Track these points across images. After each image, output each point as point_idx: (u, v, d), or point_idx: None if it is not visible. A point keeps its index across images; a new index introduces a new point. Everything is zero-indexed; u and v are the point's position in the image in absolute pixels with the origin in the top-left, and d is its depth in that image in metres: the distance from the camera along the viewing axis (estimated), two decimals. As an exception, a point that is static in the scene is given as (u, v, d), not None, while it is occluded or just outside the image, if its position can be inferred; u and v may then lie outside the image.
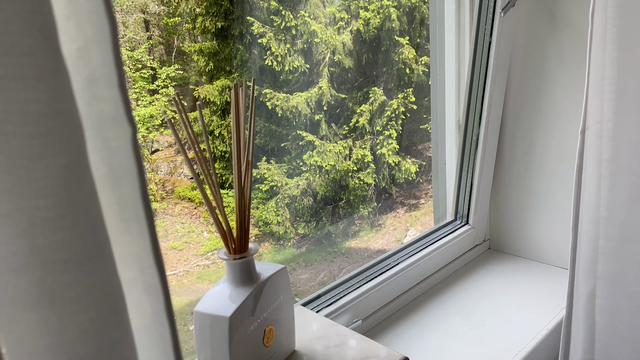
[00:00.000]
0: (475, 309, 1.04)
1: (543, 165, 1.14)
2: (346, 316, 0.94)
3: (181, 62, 8.64)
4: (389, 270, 1.04)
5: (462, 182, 1.20)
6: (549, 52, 1.06)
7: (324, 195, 6.70)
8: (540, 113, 1.11)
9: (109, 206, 0.27)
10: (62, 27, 0.25)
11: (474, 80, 1.11)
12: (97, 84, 0.24)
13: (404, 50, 6.34)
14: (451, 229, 1.20)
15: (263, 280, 0.67)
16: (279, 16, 6.58)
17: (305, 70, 6.65)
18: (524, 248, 1.22)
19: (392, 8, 6.26)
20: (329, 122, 6.73)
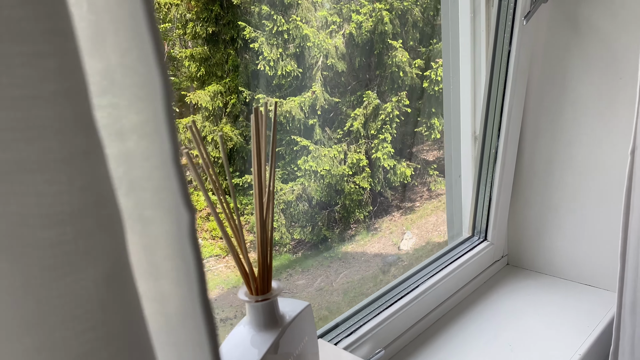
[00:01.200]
0: (501, 331, 0.99)
1: (564, 178, 1.09)
2: (367, 346, 0.88)
3: (172, 68, 8.55)
4: (408, 295, 0.99)
5: (480, 196, 1.15)
6: (572, 60, 1.02)
7: (320, 200, 6.63)
8: (561, 124, 1.06)
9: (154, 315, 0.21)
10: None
11: (492, 90, 1.06)
12: (138, 166, 0.19)
13: (397, 54, 6.30)
14: (469, 246, 1.15)
15: (287, 322, 0.61)
16: (271, 20, 6.53)
17: (298, 74, 6.59)
18: (545, 264, 1.17)
19: (385, 11, 6.22)
20: (323, 127, 6.67)
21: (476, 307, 1.07)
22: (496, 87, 1.06)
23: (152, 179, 0.19)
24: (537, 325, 1.00)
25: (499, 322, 1.02)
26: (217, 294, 5.61)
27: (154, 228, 0.20)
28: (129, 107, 0.19)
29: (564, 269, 1.15)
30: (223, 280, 6.23)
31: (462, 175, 1.21)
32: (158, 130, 0.19)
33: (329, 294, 6.07)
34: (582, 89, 1.02)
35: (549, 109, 1.07)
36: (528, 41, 1.02)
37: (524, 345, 0.95)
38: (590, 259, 1.10)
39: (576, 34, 1.00)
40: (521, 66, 1.03)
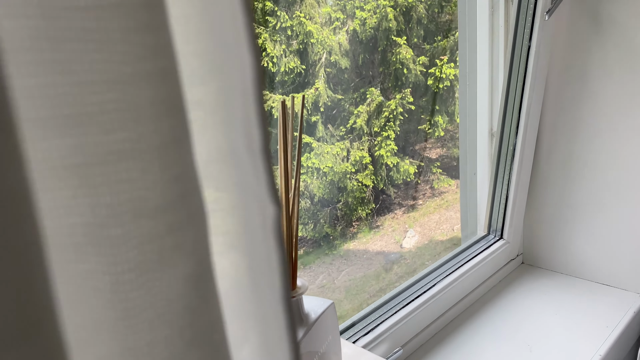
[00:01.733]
0: (519, 331, 0.98)
1: (582, 176, 1.07)
2: (385, 345, 0.87)
3: (174, 64, 8.55)
4: (425, 294, 0.98)
5: (496, 194, 1.14)
6: (592, 56, 1.00)
7: (322, 197, 6.62)
8: (580, 122, 1.05)
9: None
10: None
11: (510, 87, 1.05)
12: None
13: (401, 50, 6.27)
14: (485, 244, 1.13)
15: (313, 321, 0.60)
16: (274, 17, 6.50)
17: (301, 71, 6.57)
18: (561, 263, 1.16)
19: (389, 8, 6.19)
20: (326, 124, 6.66)
21: (492, 306, 1.06)
22: (515, 83, 1.04)
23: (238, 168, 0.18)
24: (555, 325, 0.99)
25: (515, 322, 1.00)
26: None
27: (235, 221, 0.18)
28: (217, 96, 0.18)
29: (580, 268, 1.13)
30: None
31: (478, 173, 1.19)
32: (247, 118, 0.17)
33: (331, 291, 6.06)
34: (602, 86, 1.00)
35: (568, 106, 1.06)
36: (548, 37, 1.01)
37: (543, 345, 0.94)
38: (608, 258, 1.08)
39: (597, 30, 0.98)
40: (541, 62, 1.02)
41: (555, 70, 1.05)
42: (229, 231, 0.19)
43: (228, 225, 0.19)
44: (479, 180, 1.18)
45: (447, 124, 4.47)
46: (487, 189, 1.14)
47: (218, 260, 0.19)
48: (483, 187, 1.17)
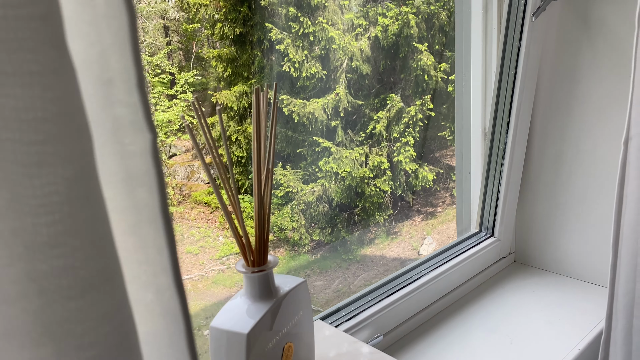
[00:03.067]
0: (502, 325, 1.00)
1: (573, 176, 1.09)
2: (366, 331, 0.90)
3: (199, 68, 8.69)
4: (411, 284, 1.00)
5: (487, 192, 1.16)
6: (582, 58, 1.02)
7: (340, 202, 6.65)
8: (571, 121, 1.06)
9: (123, 220, 0.24)
10: (82, 32, 0.22)
11: (501, 86, 1.07)
12: (116, 88, 0.21)
13: (422, 57, 6.29)
14: (475, 241, 1.16)
15: (282, 295, 0.64)
16: (297, 22, 6.58)
17: (323, 76, 6.63)
18: (552, 262, 1.17)
19: (411, 15, 6.22)
20: (346, 129, 6.69)
21: (479, 301, 1.08)
22: (505, 83, 1.07)
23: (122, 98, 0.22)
24: (539, 321, 1.00)
25: (500, 316, 1.02)
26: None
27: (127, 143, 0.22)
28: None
29: (572, 267, 1.15)
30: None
31: (472, 172, 1.21)
32: (123, 55, 0.21)
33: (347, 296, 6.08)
34: (591, 87, 1.02)
35: (559, 107, 1.08)
36: (538, 38, 1.03)
37: (524, 338, 0.95)
38: (599, 258, 1.09)
39: (586, 32, 1.00)
40: (531, 63, 1.04)
41: (546, 71, 1.07)
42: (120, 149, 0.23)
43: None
44: (473, 178, 1.21)
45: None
46: (479, 187, 1.17)
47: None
48: (476, 186, 1.20)
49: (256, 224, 0.62)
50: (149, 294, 0.26)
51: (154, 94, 7.67)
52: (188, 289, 6.19)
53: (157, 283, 0.27)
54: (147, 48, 8.27)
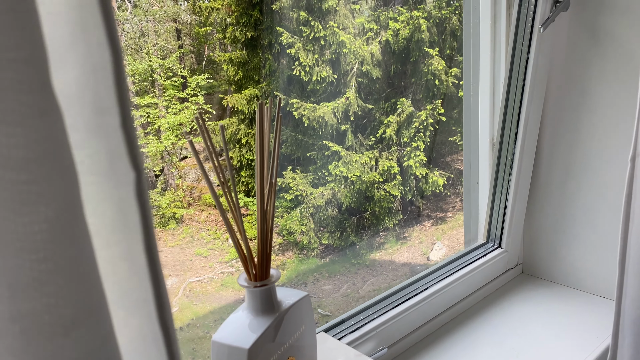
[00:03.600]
0: (508, 337, 0.99)
1: (582, 187, 1.08)
2: (371, 344, 0.90)
3: (211, 71, 8.74)
4: (417, 296, 1.00)
5: (495, 203, 1.15)
6: (591, 70, 1.01)
7: (349, 206, 6.65)
8: (580, 134, 1.05)
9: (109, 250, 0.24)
10: (67, 73, 0.22)
11: (509, 97, 1.06)
12: (100, 120, 0.21)
13: (433, 62, 6.27)
14: (483, 252, 1.15)
15: (285, 309, 0.64)
16: (308, 27, 6.60)
17: (333, 80, 6.64)
18: (560, 274, 1.16)
19: (422, 19, 6.20)
20: (355, 133, 6.69)
21: (486, 313, 1.07)
22: (514, 94, 1.06)
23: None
24: (546, 334, 0.99)
25: (507, 329, 1.01)
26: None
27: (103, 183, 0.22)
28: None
29: (580, 280, 1.13)
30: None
31: (480, 182, 1.21)
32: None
33: (355, 300, 6.06)
34: (601, 99, 1.01)
35: (568, 118, 1.07)
36: (547, 49, 1.02)
37: (530, 351, 0.94)
38: (607, 271, 1.08)
39: (596, 43, 0.99)
40: (539, 74, 1.03)
41: (555, 81, 1.06)
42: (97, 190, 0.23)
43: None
44: (481, 189, 1.20)
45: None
46: (487, 197, 1.16)
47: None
48: (484, 196, 1.19)
49: (259, 238, 0.62)
50: (136, 319, 0.26)
51: (165, 97, 7.72)
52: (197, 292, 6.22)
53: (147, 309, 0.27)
54: (159, 51, 8.34)
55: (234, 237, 0.60)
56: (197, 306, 6.11)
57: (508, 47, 1.05)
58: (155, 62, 7.96)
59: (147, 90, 8.09)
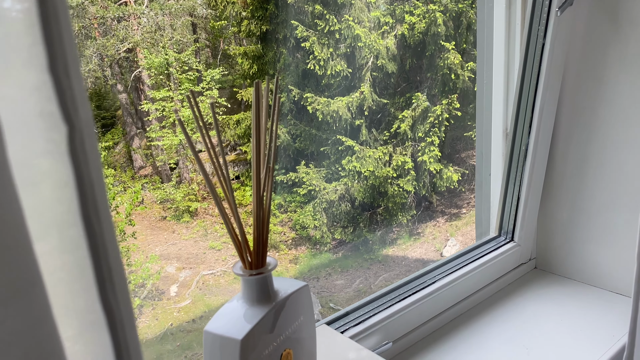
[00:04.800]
0: (519, 334, 0.95)
1: (599, 180, 1.03)
2: (375, 337, 0.87)
3: (226, 65, 8.75)
4: (425, 289, 0.96)
5: (508, 195, 1.11)
6: (611, 57, 0.96)
7: (362, 201, 6.61)
8: (597, 123, 1.01)
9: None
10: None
11: (524, 85, 1.02)
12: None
13: (449, 56, 6.19)
14: (494, 245, 1.11)
15: (282, 299, 0.61)
16: (323, 20, 6.55)
17: (348, 74, 6.59)
18: (575, 269, 1.12)
19: (438, 13, 6.12)
20: (370, 128, 6.64)
21: (497, 309, 1.03)
22: (528, 82, 1.02)
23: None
24: (559, 331, 0.96)
25: (518, 325, 0.98)
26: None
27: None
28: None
29: (595, 275, 1.09)
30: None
31: (492, 174, 1.17)
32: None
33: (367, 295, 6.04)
34: (620, 88, 0.96)
35: (585, 107, 1.02)
36: (564, 35, 0.98)
37: (542, 349, 0.91)
38: (623, 266, 1.04)
39: (616, 29, 0.94)
40: (555, 61, 0.99)
41: (572, 69, 1.02)
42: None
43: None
44: (493, 180, 1.16)
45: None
46: (500, 189, 1.12)
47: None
48: (497, 188, 1.15)
49: (255, 224, 0.59)
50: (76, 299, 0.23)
51: (181, 91, 7.75)
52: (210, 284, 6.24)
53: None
54: (175, 45, 8.36)
55: (228, 223, 0.57)
56: (210, 299, 6.14)
57: (523, 32, 1.00)
58: (171, 56, 7.99)
59: (163, 84, 8.12)
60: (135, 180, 8.20)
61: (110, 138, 8.95)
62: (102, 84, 8.83)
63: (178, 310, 5.90)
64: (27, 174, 0.20)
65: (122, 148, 8.85)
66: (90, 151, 0.20)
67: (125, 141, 8.81)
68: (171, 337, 5.58)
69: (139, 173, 8.47)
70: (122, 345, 0.24)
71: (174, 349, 5.42)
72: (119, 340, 0.23)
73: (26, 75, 0.19)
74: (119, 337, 0.23)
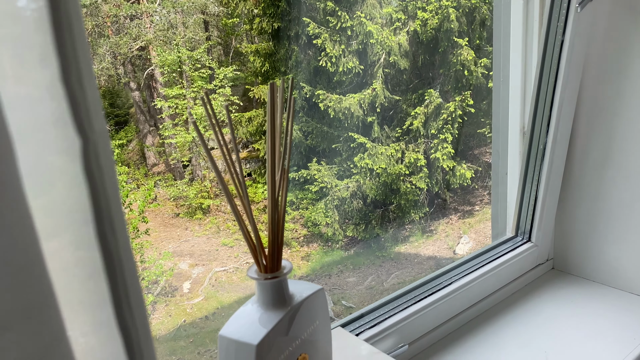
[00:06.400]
0: (537, 337, 0.93)
1: (619, 180, 1.01)
2: (391, 340, 0.86)
3: (238, 63, 8.76)
4: (440, 291, 0.95)
5: (525, 195, 1.09)
6: (632, 54, 0.94)
7: (374, 199, 6.58)
8: (617, 122, 0.98)
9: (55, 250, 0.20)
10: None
11: (542, 83, 1.00)
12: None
13: (462, 52, 6.13)
14: (511, 246, 1.09)
15: (297, 303, 0.60)
16: (335, 17, 6.52)
17: (360, 71, 6.56)
18: (594, 270, 1.10)
19: (451, 8, 6.07)
20: (382, 124, 6.61)
21: (514, 310, 1.02)
22: (547, 79, 0.99)
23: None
24: (578, 334, 0.94)
25: (536, 327, 0.96)
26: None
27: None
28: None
29: (614, 276, 1.07)
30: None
31: (509, 173, 1.15)
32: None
33: (379, 293, 6.01)
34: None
35: (605, 106, 1.00)
36: (584, 31, 0.96)
37: (561, 353, 0.89)
38: (644, 268, 1.02)
39: (639, 25, 0.92)
40: (575, 57, 0.97)
41: (592, 66, 0.99)
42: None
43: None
44: (510, 179, 1.14)
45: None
46: (516, 189, 1.10)
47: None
48: (514, 187, 1.13)
49: (270, 227, 0.59)
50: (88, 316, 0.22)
51: (193, 89, 7.78)
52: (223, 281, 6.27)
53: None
54: (187, 43, 8.39)
55: (243, 226, 0.56)
56: (222, 295, 6.17)
57: (541, 28, 0.98)
58: (183, 54, 8.02)
59: (176, 82, 8.16)
60: (148, 178, 8.26)
61: (124, 136, 9.01)
62: (115, 82, 8.89)
63: (191, 307, 5.93)
64: (40, 176, 0.19)
65: (135, 145, 8.92)
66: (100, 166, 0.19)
67: (138, 139, 8.87)
68: (184, 333, 5.61)
69: (152, 170, 8.52)
70: (134, 343, 0.23)
71: (186, 345, 5.45)
72: (131, 337, 0.22)
73: (41, 74, 0.18)
74: (131, 334, 0.22)
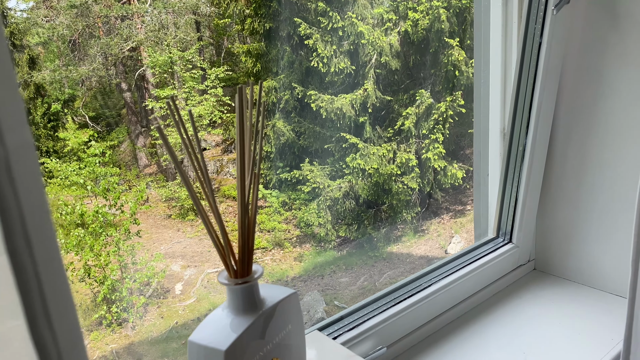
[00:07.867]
0: (516, 338, 0.94)
1: (598, 180, 1.01)
2: (369, 343, 0.86)
3: (230, 63, 8.74)
4: (421, 292, 0.95)
5: (505, 196, 1.09)
6: (609, 55, 0.94)
7: (366, 199, 6.59)
8: (596, 123, 0.99)
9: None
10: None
11: (521, 84, 1.01)
12: None
13: (453, 52, 6.15)
14: (492, 247, 1.09)
15: (269, 308, 0.60)
16: (326, 17, 6.53)
17: (351, 71, 6.57)
18: (574, 271, 1.10)
19: (442, 9, 6.08)
20: (374, 125, 6.62)
21: (494, 312, 1.02)
22: (525, 81, 1.00)
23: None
24: (558, 335, 0.94)
25: (516, 328, 0.96)
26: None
27: None
28: None
29: (595, 277, 1.07)
30: (268, 273, 6.30)
31: (490, 174, 1.15)
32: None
33: (372, 293, 6.03)
34: (619, 87, 0.95)
35: (583, 107, 1.00)
36: (562, 33, 0.96)
37: (539, 353, 0.89)
38: (623, 268, 1.02)
39: (615, 27, 0.93)
40: (553, 59, 0.97)
41: (570, 68, 1.00)
42: None
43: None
44: (491, 181, 1.14)
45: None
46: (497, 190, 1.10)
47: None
48: (495, 189, 1.13)
49: (240, 231, 0.58)
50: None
51: (185, 89, 7.76)
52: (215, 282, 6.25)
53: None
54: (179, 43, 8.37)
55: (211, 230, 0.56)
56: (214, 297, 6.14)
57: (520, 30, 0.99)
58: (175, 54, 7.99)
59: (167, 82, 8.13)
60: (140, 179, 8.22)
61: (115, 137, 8.97)
62: (106, 83, 8.85)
63: (183, 309, 5.91)
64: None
65: (126, 147, 8.88)
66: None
67: (130, 140, 8.83)
68: (176, 335, 5.59)
69: (143, 171, 8.49)
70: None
71: (179, 347, 5.43)
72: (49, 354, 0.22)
73: None
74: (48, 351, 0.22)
